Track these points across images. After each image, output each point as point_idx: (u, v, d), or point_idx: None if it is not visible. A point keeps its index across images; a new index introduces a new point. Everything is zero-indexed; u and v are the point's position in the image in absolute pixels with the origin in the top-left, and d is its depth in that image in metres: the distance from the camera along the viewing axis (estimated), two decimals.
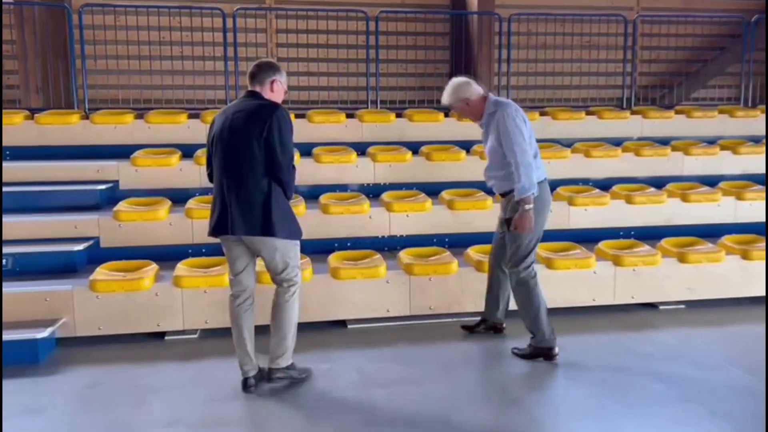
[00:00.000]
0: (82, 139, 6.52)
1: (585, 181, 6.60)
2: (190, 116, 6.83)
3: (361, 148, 6.64)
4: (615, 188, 6.30)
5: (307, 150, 6.42)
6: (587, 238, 5.74)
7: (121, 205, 5.49)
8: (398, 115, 7.18)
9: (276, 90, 3.70)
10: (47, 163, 6.14)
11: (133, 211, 5.41)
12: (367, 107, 7.61)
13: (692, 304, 5.32)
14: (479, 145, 6.09)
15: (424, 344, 4.58)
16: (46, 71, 7.33)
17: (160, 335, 4.73)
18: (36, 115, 6.55)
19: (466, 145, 6.69)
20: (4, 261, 4.92)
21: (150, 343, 4.64)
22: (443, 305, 5.04)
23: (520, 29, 8.20)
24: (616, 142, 7.05)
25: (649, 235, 5.92)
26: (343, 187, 6.31)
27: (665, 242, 5.54)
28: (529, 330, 4.26)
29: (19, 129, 6.39)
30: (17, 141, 6.32)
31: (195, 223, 5.43)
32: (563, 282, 5.11)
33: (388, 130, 7.01)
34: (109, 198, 5.88)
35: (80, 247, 5.08)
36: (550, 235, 5.13)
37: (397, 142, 6.81)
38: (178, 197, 5.86)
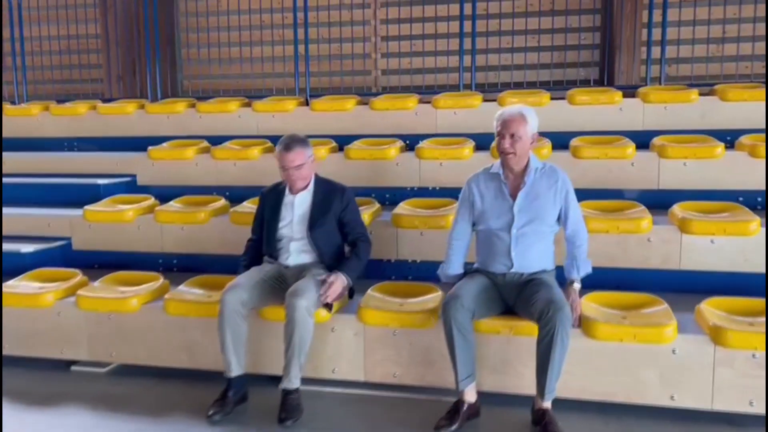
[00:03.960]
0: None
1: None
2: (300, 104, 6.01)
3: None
4: None
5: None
6: None
7: (99, 203, 4.81)
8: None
9: None
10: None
11: (100, 211, 4.67)
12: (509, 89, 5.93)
13: None
14: None
15: None
16: (127, 61, 7.10)
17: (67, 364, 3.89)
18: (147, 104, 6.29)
19: None
20: None
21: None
22: None
23: None
24: None
25: None
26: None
27: None
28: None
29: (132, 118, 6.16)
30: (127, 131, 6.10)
31: (166, 228, 4.51)
32: None
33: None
34: (125, 192, 5.28)
35: (30, 249, 4.47)
36: None
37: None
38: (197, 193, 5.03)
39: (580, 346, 3.11)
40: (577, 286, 3.12)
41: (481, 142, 4.93)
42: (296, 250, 3.47)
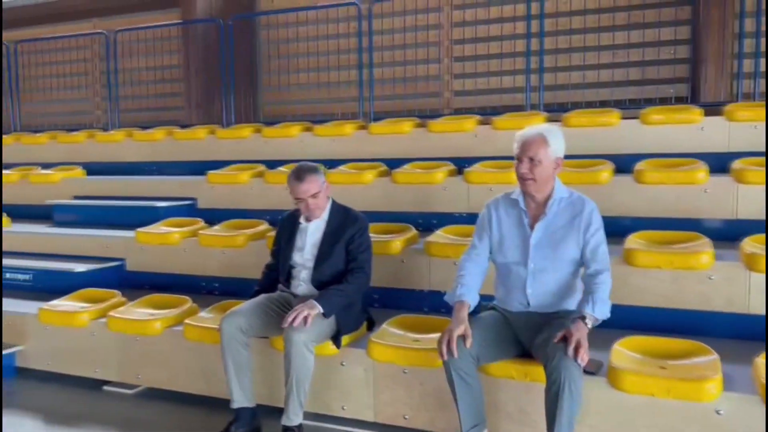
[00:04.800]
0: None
1: None
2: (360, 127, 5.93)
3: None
4: None
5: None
6: None
7: (151, 226, 4.95)
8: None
9: None
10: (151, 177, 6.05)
11: (150, 233, 4.79)
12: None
13: None
14: None
15: None
16: (206, 89, 7.39)
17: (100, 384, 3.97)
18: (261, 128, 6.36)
19: None
20: (27, 275, 4.82)
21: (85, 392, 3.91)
22: None
23: None
24: None
25: None
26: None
27: None
28: None
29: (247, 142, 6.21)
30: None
31: (209, 251, 4.55)
32: None
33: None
34: (186, 215, 5.42)
35: (82, 268, 4.65)
36: None
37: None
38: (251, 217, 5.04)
39: (606, 399, 2.72)
40: (587, 322, 2.60)
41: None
42: (306, 279, 3.33)
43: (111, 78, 7.60)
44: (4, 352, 4.12)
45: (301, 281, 3.35)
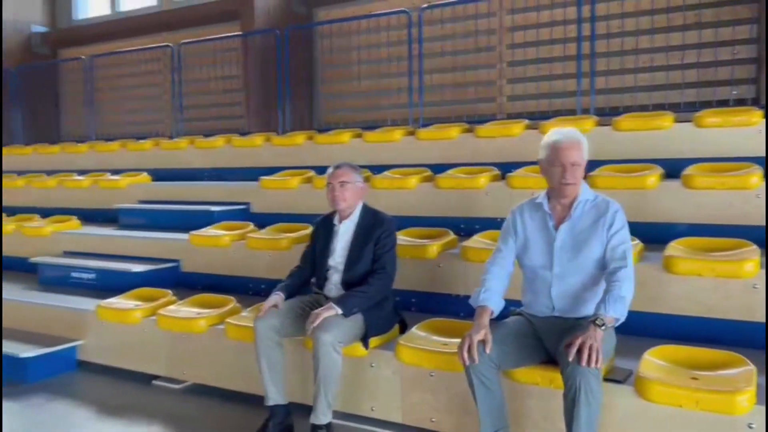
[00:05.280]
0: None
1: None
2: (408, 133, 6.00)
3: None
4: None
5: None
6: None
7: (205, 229, 5.16)
8: None
9: None
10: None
11: (203, 236, 5.01)
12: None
13: None
14: None
15: None
16: (264, 98, 7.63)
17: (150, 378, 4.18)
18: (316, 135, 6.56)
19: None
20: (92, 275, 5.14)
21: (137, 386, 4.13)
22: None
23: None
24: None
25: None
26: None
27: None
28: None
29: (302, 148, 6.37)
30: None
31: (256, 254, 4.71)
32: None
33: None
34: (240, 219, 5.63)
35: (140, 269, 4.91)
36: None
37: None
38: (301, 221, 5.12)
39: (633, 408, 2.66)
40: (600, 323, 2.52)
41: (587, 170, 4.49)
42: (337, 282, 3.41)
43: (177, 88, 7.98)
44: (67, 345, 4.40)
45: (333, 284, 3.43)
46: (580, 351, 2.43)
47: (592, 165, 4.64)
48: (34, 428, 3.56)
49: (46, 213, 6.73)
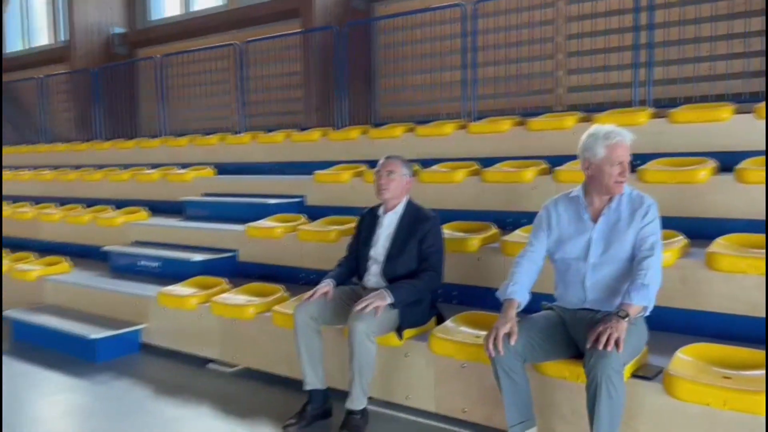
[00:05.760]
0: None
1: None
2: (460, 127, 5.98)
3: None
4: None
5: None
6: None
7: (260, 221, 5.38)
8: None
9: None
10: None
11: (257, 228, 5.22)
12: None
13: None
14: None
15: None
16: (323, 94, 7.82)
17: (205, 361, 4.43)
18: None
19: None
20: (157, 263, 5.47)
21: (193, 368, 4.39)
22: None
23: None
24: None
25: None
26: None
27: None
28: None
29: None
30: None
31: (306, 245, 4.89)
32: None
33: None
34: (296, 212, 5.84)
35: (199, 258, 5.18)
36: None
37: None
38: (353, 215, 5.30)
39: (661, 405, 2.64)
40: (622, 313, 2.54)
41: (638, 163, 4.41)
42: (376, 273, 3.51)
43: (241, 85, 8.29)
44: (132, 328, 4.72)
45: (372, 275, 3.53)
46: (599, 338, 2.44)
47: (644, 158, 4.57)
48: (98, 403, 3.87)
49: (119, 204, 7.16)
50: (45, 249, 6.95)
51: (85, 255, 6.52)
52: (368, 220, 3.71)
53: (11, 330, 5.21)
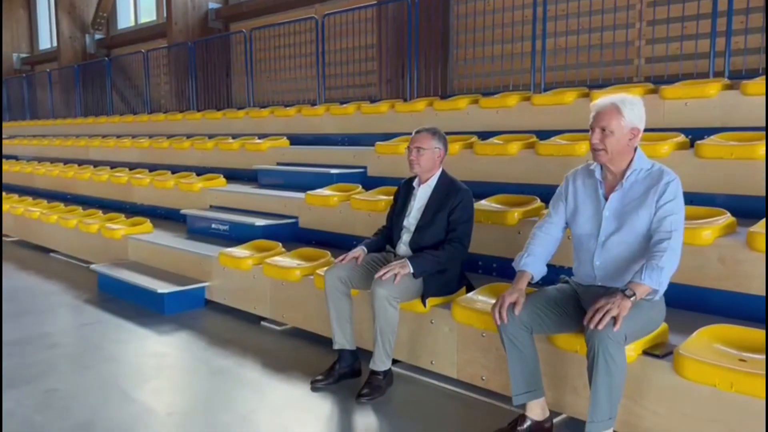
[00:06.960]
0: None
1: None
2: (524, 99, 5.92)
3: None
4: None
5: None
6: None
7: (320, 190, 5.59)
8: None
9: None
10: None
11: (315, 196, 5.44)
12: None
13: None
14: None
15: None
16: (396, 66, 7.88)
17: (259, 319, 4.72)
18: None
19: None
20: (226, 226, 5.83)
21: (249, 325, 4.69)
22: None
23: None
24: None
25: None
26: None
27: None
28: None
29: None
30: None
31: (358, 213, 5.05)
32: None
33: None
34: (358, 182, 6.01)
35: (262, 222, 5.48)
36: None
37: None
38: None
39: (669, 384, 2.59)
40: (629, 292, 2.47)
41: (702, 138, 4.20)
42: (406, 242, 3.60)
43: (321, 58, 8.51)
44: (197, 285, 5.09)
45: (403, 243, 3.63)
46: (595, 315, 2.42)
47: (710, 132, 4.34)
48: (160, 348, 4.24)
49: (203, 171, 7.64)
50: (136, 211, 7.57)
51: (168, 218, 7.05)
52: (404, 191, 3.80)
53: (96, 282, 5.77)
